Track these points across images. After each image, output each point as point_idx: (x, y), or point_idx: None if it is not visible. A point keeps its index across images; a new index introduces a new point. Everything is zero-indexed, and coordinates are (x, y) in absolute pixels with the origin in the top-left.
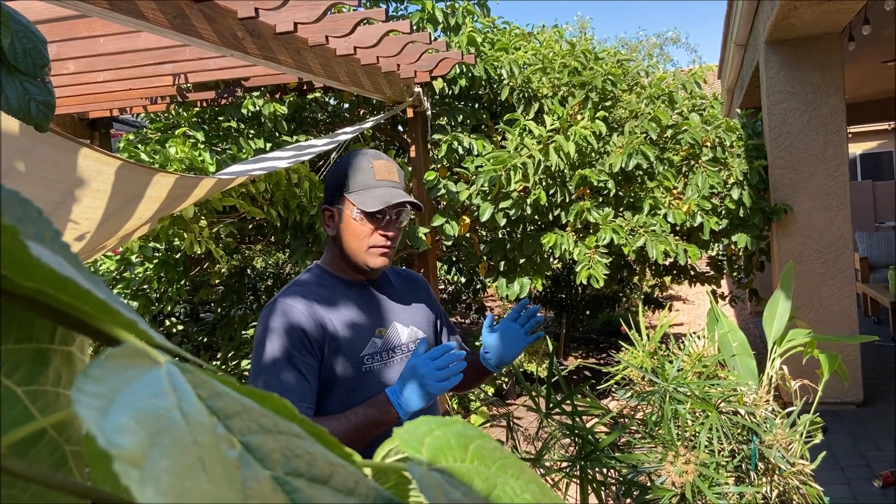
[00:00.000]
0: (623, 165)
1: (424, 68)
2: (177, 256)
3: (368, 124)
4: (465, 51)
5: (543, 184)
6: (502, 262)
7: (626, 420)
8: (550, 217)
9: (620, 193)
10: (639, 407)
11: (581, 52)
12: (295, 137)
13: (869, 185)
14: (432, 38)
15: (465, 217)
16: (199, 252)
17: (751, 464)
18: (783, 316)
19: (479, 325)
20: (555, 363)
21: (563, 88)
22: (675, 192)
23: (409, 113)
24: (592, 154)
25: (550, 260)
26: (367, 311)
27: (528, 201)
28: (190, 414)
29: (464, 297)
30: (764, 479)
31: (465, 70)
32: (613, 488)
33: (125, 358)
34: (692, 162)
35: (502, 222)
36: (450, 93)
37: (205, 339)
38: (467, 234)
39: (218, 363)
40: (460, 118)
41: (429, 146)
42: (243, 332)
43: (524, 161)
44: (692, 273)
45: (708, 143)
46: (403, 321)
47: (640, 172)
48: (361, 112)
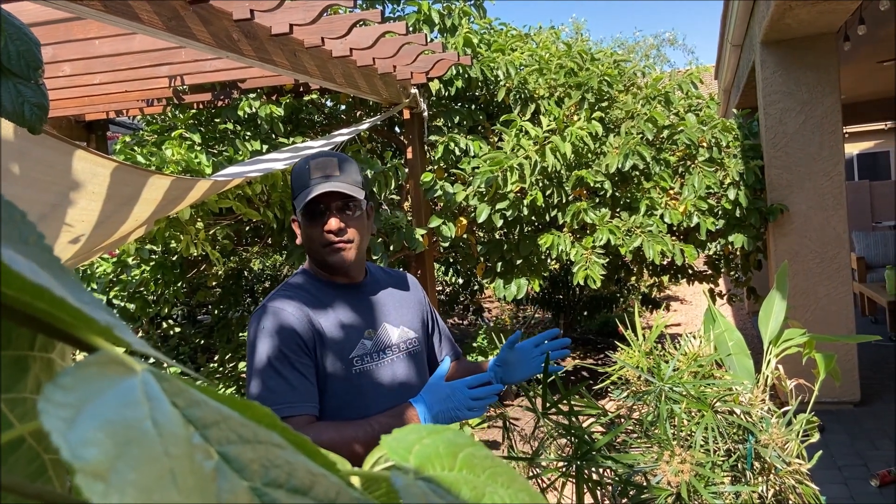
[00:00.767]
0: (619, 166)
1: (421, 70)
2: (173, 259)
3: (365, 126)
4: (461, 52)
5: (540, 185)
6: (499, 263)
7: (623, 420)
8: (547, 218)
9: (617, 194)
10: (635, 407)
11: (577, 53)
12: (291, 139)
13: (866, 184)
14: (428, 40)
15: (461, 218)
16: (195, 254)
17: (747, 463)
18: (779, 316)
19: (476, 326)
20: (551, 363)
21: (560, 89)
22: (671, 192)
23: (406, 114)
24: (589, 155)
25: (547, 261)
26: (354, 312)
27: (525, 202)
28: (163, 424)
29: (461, 299)
30: (760, 479)
31: (461, 71)
32: (609, 488)
33: (98, 366)
34: (689, 162)
35: (499, 223)
36: (446, 94)
37: (202, 342)
38: (464, 236)
39: (215, 365)
40: (457, 119)
41: (425, 147)
42: (241, 334)
43: (521, 162)
44: (689, 273)
45: (704, 144)
46: (393, 321)
47: (637, 173)
48: (358, 113)
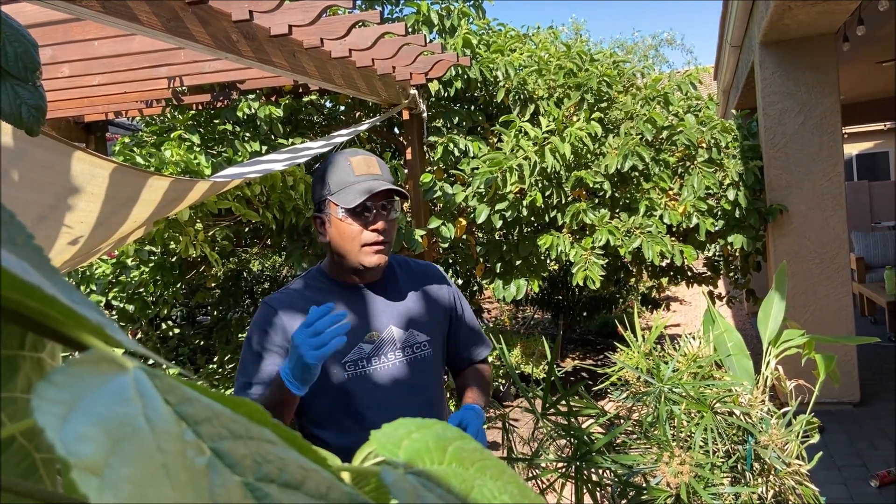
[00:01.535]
0: (619, 167)
1: (420, 70)
2: (172, 260)
3: (364, 127)
4: (460, 53)
5: (539, 185)
6: (499, 264)
7: (622, 421)
8: (546, 219)
9: (616, 195)
10: (634, 408)
11: (576, 54)
12: (290, 140)
13: (865, 185)
14: (428, 41)
15: (461, 219)
16: (194, 255)
17: (746, 464)
18: (778, 316)
19: None
20: (552, 364)
21: (559, 90)
22: (670, 193)
23: (405, 115)
24: (588, 155)
25: (547, 261)
26: (359, 315)
27: (525, 203)
28: (155, 420)
29: None
30: (760, 480)
31: (460, 72)
32: (609, 489)
33: (90, 364)
34: (688, 163)
35: (498, 224)
36: (445, 95)
37: (201, 343)
38: (464, 236)
39: (215, 366)
40: (456, 120)
41: (425, 148)
42: (240, 335)
43: (520, 163)
44: (689, 274)
45: (704, 144)
46: (401, 324)
47: (636, 174)
48: (357, 114)
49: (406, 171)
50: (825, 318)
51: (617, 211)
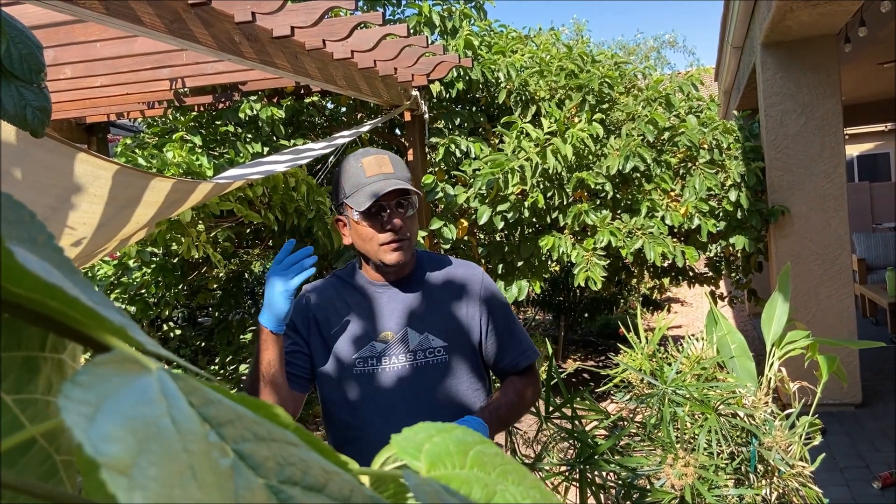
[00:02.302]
0: (620, 168)
1: (421, 72)
2: (174, 261)
3: (366, 128)
4: (462, 54)
5: (541, 186)
6: (500, 265)
7: (625, 423)
8: (548, 220)
9: (618, 196)
10: (637, 410)
11: (578, 55)
12: (292, 141)
13: (866, 186)
14: (429, 42)
15: (462, 220)
16: (196, 256)
17: (750, 466)
18: (781, 318)
19: None
20: (553, 366)
21: (560, 91)
22: (672, 194)
23: (407, 116)
24: (590, 156)
25: (548, 262)
26: (376, 314)
27: (526, 204)
28: (181, 421)
29: None
30: (763, 482)
31: (462, 73)
32: (613, 491)
33: (114, 364)
34: (689, 164)
35: (500, 225)
36: (447, 96)
37: (203, 344)
38: (465, 238)
39: (216, 367)
40: (458, 121)
41: (426, 149)
42: (241, 337)
43: (521, 164)
44: (690, 274)
45: (705, 146)
46: (418, 327)
47: (638, 175)
48: (359, 116)
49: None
50: (827, 319)
51: (618, 212)
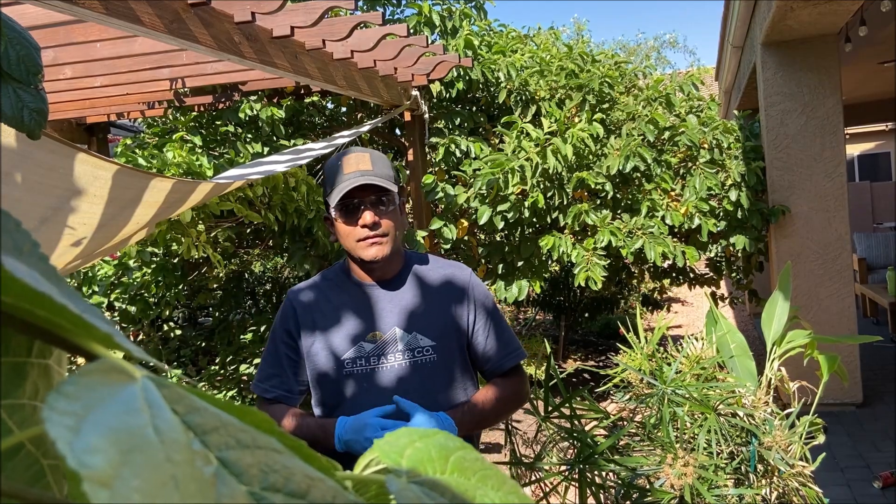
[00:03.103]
0: (620, 167)
1: (422, 72)
2: (174, 261)
3: (366, 128)
4: (462, 54)
5: (541, 186)
6: (500, 265)
7: (625, 423)
8: (548, 220)
9: (618, 196)
10: (637, 409)
11: (578, 55)
12: (292, 141)
13: (867, 185)
14: (429, 42)
15: (463, 220)
16: (196, 256)
17: (750, 466)
18: (782, 317)
19: None
20: (553, 366)
21: (561, 91)
22: (672, 194)
23: (407, 116)
24: (590, 156)
25: (548, 262)
26: (365, 313)
27: (526, 204)
28: (164, 430)
29: None
30: (763, 481)
31: (462, 73)
32: (612, 491)
33: (99, 374)
34: (690, 164)
35: (500, 225)
36: (447, 96)
37: (203, 344)
38: (465, 238)
39: (216, 368)
40: (458, 121)
41: (426, 149)
42: (242, 337)
43: (522, 164)
44: (691, 275)
45: (705, 145)
46: (407, 326)
47: (638, 174)
48: (359, 116)
49: (408, 172)
50: (828, 319)
51: (619, 212)
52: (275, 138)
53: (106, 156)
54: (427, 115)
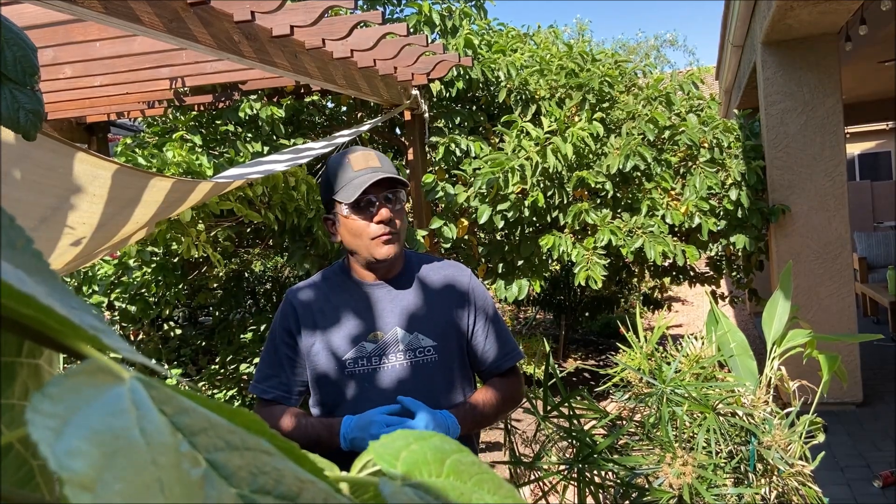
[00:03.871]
0: (620, 167)
1: (421, 71)
2: (174, 260)
3: (366, 127)
4: (462, 53)
5: (541, 186)
6: (500, 264)
7: (624, 422)
8: (548, 219)
9: (618, 195)
10: (636, 409)
11: (578, 54)
12: (292, 141)
13: (867, 185)
14: (429, 41)
15: (463, 219)
16: (196, 256)
17: (749, 465)
18: (782, 316)
19: None
20: (552, 365)
21: (561, 90)
22: (672, 193)
23: (407, 116)
24: (590, 156)
25: (548, 262)
26: (366, 313)
27: (526, 203)
28: (150, 432)
29: None
30: (763, 481)
31: (462, 72)
32: (611, 491)
33: (86, 375)
34: (690, 163)
35: (500, 224)
36: (447, 95)
37: (203, 343)
38: (465, 237)
39: (216, 367)
40: (458, 120)
41: (426, 149)
42: (242, 336)
43: (522, 163)
44: (691, 274)
45: (706, 144)
46: (408, 326)
47: (638, 174)
48: (359, 115)
49: (408, 171)
50: (828, 318)
51: (619, 211)
52: (275, 137)
53: (106, 155)
54: (427, 115)
